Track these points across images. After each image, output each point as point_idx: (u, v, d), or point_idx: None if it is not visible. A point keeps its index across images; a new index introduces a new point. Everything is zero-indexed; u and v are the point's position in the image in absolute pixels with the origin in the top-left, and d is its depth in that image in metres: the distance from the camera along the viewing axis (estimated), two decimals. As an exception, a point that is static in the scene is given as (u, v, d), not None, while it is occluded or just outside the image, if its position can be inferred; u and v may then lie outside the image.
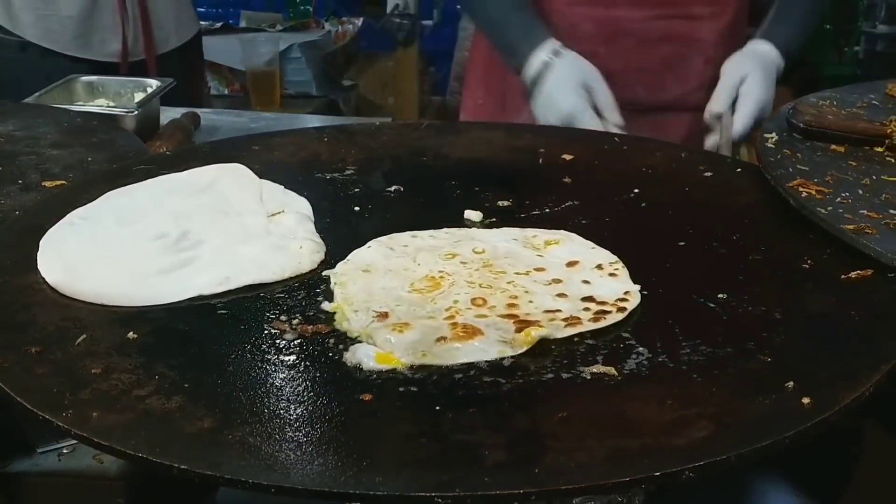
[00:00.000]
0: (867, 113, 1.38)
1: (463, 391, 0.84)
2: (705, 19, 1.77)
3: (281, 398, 0.83)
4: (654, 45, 1.75)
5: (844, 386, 0.82)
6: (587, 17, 1.73)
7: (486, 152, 1.41)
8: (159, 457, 0.73)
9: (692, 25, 1.76)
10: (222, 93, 3.12)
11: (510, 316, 0.95)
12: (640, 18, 1.73)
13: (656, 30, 1.74)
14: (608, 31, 1.74)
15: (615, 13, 1.73)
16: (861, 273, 1.01)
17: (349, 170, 1.35)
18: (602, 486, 0.71)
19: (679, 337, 0.92)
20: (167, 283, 1.02)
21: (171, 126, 1.89)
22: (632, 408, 0.81)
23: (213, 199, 1.21)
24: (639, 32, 1.74)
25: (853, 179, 1.18)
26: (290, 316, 0.96)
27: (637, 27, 1.74)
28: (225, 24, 3.43)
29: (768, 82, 1.64)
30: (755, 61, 1.65)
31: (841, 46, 4.89)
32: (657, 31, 1.74)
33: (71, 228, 1.13)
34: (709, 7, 1.77)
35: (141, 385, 0.83)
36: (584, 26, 1.73)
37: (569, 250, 1.10)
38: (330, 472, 0.72)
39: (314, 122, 2.42)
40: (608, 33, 1.74)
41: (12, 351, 0.89)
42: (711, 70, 1.75)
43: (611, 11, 1.73)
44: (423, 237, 1.13)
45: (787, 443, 0.75)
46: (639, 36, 1.74)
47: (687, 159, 1.36)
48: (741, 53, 1.68)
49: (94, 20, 2.27)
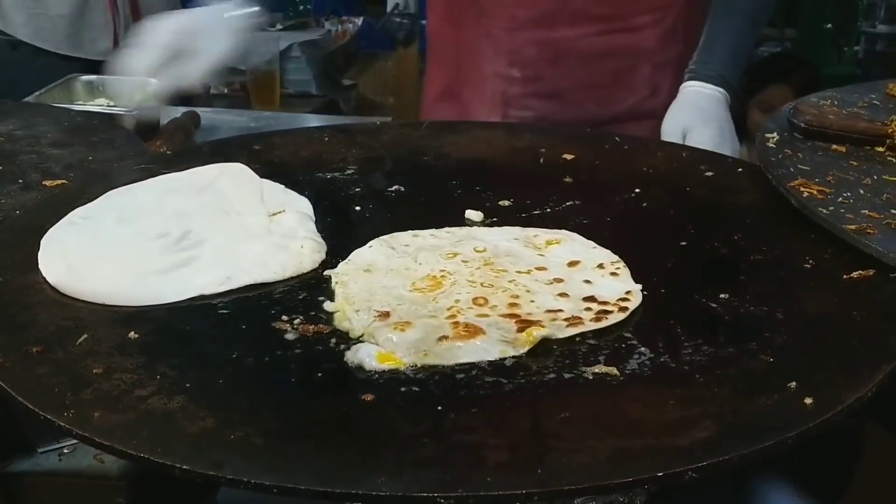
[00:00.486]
0: (868, 113, 1.38)
1: (465, 391, 0.84)
2: (648, 27, 1.72)
3: (282, 398, 0.83)
4: (600, 60, 1.72)
5: (847, 386, 0.82)
6: (529, 41, 1.70)
7: (486, 152, 1.41)
8: (161, 457, 0.73)
9: (635, 36, 1.72)
10: (222, 92, 3.11)
11: (512, 315, 0.95)
12: (582, 36, 1.69)
13: (600, 46, 1.70)
14: (552, 53, 1.70)
15: (557, 34, 1.69)
16: (863, 273, 1.00)
17: (350, 169, 1.35)
18: (605, 486, 0.71)
19: (681, 337, 0.92)
20: (168, 283, 1.02)
21: (172, 125, 1.89)
22: (634, 408, 0.80)
23: (213, 198, 1.20)
24: (583, 50, 1.70)
25: (854, 179, 1.18)
26: (291, 316, 0.96)
27: (581, 45, 1.70)
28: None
29: (710, 121, 1.52)
30: (691, 110, 1.54)
31: (841, 46, 4.89)
32: (601, 46, 1.70)
33: (71, 228, 1.13)
34: (650, 15, 1.72)
35: (142, 385, 0.83)
36: (527, 51, 1.70)
37: (570, 250, 1.10)
38: (332, 472, 0.72)
39: (314, 121, 2.42)
40: (552, 55, 1.70)
41: (13, 351, 0.89)
42: (660, 74, 1.72)
43: (552, 33, 1.69)
44: (424, 236, 1.13)
45: (790, 443, 0.75)
46: (583, 54, 1.71)
47: (688, 159, 1.36)
48: (677, 104, 1.57)
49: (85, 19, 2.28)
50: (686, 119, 1.52)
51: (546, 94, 1.73)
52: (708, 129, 1.49)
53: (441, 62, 1.87)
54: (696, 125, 1.50)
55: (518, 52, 1.70)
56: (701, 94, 1.55)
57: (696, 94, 1.55)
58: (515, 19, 1.68)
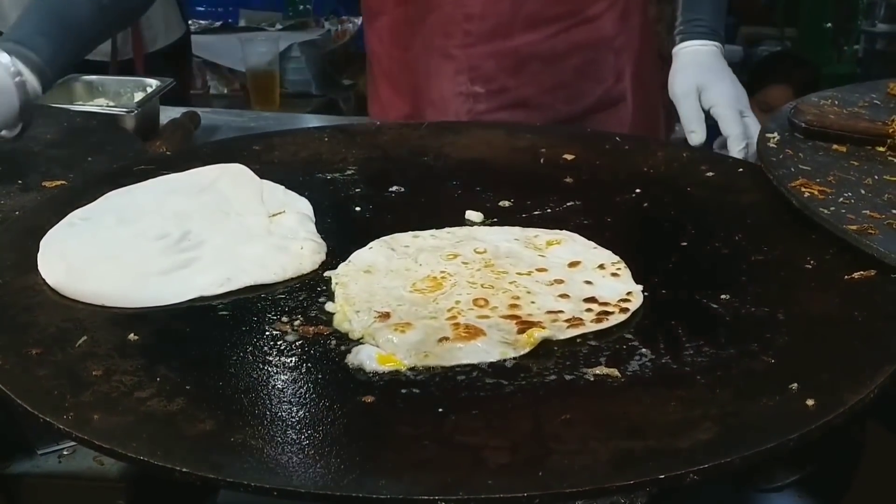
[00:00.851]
0: (869, 112, 1.38)
1: (465, 393, 0.84)
2: (604, 14, 1.69)
3: (283, 400, 0.82)
4: (562, 60, 1.68)
5: (848, 387, 0.81)
6: (487, 54, 1.66)
7: (486, 152, 1.40)
8: (160, 459, 0.73)
9: (594, 26, 1.69)
10: (222, 92, 3.11)
11: (512, 317, 0.95)
12: (541, 40, 1.66)
13: (560, 45, 1.67)
14: (512, 63, 1.67)
15: (514, 42, 1.65)
16: (864, 273, 1.00)
17: (350, 170, 1.34)
18: (606, 488, 0.71)
19: (682, 338, 0.92)
20: (168, 284, 1.02)
21: (171, 126, 1.88)
22: (635, 410, 0.80)
23: (213, 199, 1.20)
24: (544, 53, 1.67)
25: (855, 179, 1.18)
26: (291, 317, 0.96)
27: (541, 49, 1.67)
28: (224, 23, 3.43)
29: (721, 74, 1.50)
30: (697, 68, 1.51)
31: (840, 45, 4.89)
32: (562, 46, 1.67)
33: (71, 229, 1.13)
34: (604, 1, 1.69)
35: (142, 387, 0.83)
36: (487, 65, 1.67)
37: (570, 250, 1.10)
38: (332, 474, 0.72)
39: (314, 121, 2.42)
40: (512, 64, 1.67)
41: (13, 352, 0.88)
42: (622, 59, 1.71)
43: (509, 42, 1.65)
44: (424, 237, 1.13)
45: (792, 445, 0.75)
46: (544, 57, 1.67)
47: (688, 159, 1.36)
48: (680, 65, 1.54)
49: None
50: (696, 77, 1.49)
51: (512, 104, 1.69)
52: (723, 83, 1.48)
53: (395, 87, 1.80)
54: (709, 81, 1.48)
55: (478, 68, 1.67)
56: (700, 52, 1.53)
57: (696, 53, 1.53)
58: (469, 34, 1.64)
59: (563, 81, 1.70)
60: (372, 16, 1.78)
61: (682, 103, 1.47)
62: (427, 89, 1.73)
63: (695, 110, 1.45)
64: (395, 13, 1.71)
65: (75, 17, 1.42)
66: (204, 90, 3.11)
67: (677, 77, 1.51)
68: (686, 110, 1.46)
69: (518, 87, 1.68)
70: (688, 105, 1.46)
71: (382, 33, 1.76)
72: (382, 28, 1.75)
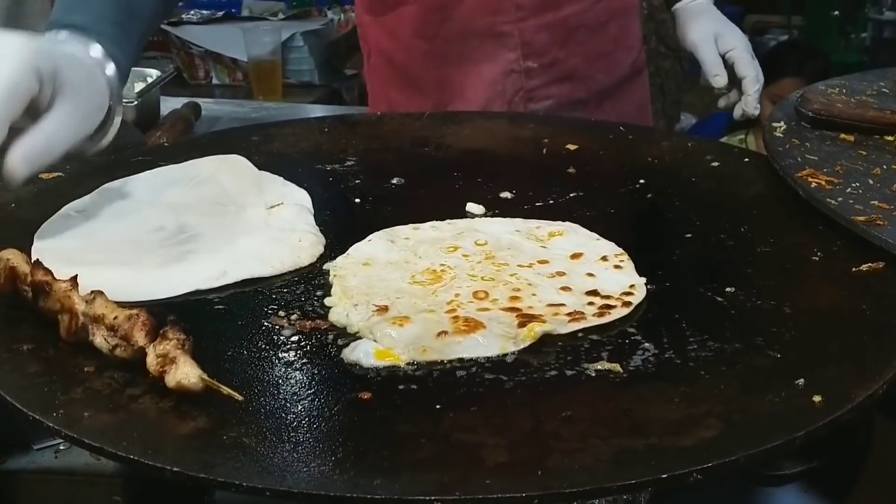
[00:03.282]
0: (877, 101, 1.36)
1: (464, 389, 0.82)
2: None
3: (277, 397, 0.81)
4: (603, 28, 1.72)
5: (856, 383, 0.80)
6: (539, 27, 1.66)
7: (488, 143, 1.39)
8: (151, 459, 0.71)
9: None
10: (224, 82, 3.09)
11: (513, 310, 0.93)
12: (586, 8, 1.68)
13: (602, 13, 1.70)
14: (562, 34, 1.68)
15: (563, 12, 1.67)
16: (872, 265, 0.99)
17: (350, 161, 1.33)
18: (607, 488, 0.69)
19: (686, 332, 0.90)
20: (164, 278, 1.00)
21: (172, 116, 1.87)
22: (638, 406, 0.79)
23: (211, 191, 1.19)
24: (589, 23, 1.69)
25: (863, 169, 1.16)
26: (288, 311, 0.94)
27: (586, 18, 1.69)
28: (227, 12, 3.41)
29: (730, 23, 1.60)
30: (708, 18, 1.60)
31: (848, 33, 4.87)
32: (603, 14, 1.70)
33: (66, 221, 1.11)
34: None
35: (135, 383, 0.81)
36: (539, 38, 1.66)
37: (573, 242, 1.08)
38: (326, 474, 0.71)
39: (316, 111, 2.41)
40: (562, 36, 1.68)
41: (4, 348, 0.87)
42: (641, 27, 1.80)
43: (559, 12, 1.66)
44: (424, 229, 1.12)
45: (798, 443, 0.73)
46: (589, 26, 1.69)
47: (693, 149, 1.34)
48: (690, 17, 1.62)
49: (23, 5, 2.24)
50: (711, 26, 1.58)
51: (562, 77, 1.70)
52: (736, 30, 1.58)
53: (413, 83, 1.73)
54: (722, 29, 1.57)
55: (530, 42, 1.66)
56: (705, 3, 1.63)
57: (703, 4, 1.63)
58: (521, 8, 1.64)
59: (604, 51, 1.73)
60: (387, 8, 1.71)
61: (703, 49, 1.55)
62: (458, 77, 1.68)
63: (716, 55, 1.54)
64: None
65: (141, 4, 1.24)
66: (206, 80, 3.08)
67: (693, 25, 1.60)
68: (707, 55, 1.54)
69: (566, 59, 1.68)
70: (709, 49, 1.54)
71: (401, 26, 1.69)
72: (402, 20, 1.69)
